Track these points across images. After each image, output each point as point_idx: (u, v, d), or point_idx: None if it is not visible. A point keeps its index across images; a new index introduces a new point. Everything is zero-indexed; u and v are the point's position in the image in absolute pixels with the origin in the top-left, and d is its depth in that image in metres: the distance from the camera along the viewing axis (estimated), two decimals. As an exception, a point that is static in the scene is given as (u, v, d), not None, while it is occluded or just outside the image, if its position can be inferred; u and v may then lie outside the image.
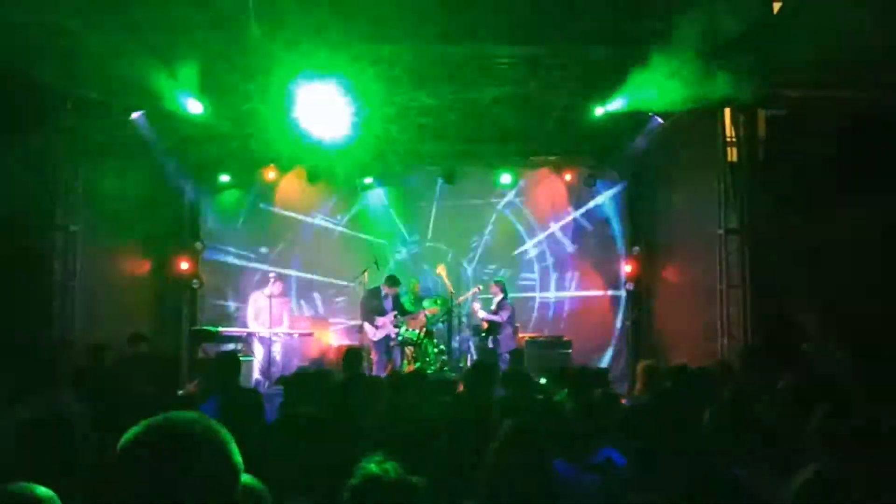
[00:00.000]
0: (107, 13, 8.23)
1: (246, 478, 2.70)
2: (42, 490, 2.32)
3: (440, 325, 12.83)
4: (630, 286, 14.22)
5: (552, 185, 14.44)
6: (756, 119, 10.30)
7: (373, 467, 2.51)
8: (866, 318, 8.70)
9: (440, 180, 14.07)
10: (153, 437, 1.59)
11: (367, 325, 12.17)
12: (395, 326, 12.26)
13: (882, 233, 9.01)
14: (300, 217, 14.25)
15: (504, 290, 12.70)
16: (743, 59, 9.26)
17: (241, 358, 6.83)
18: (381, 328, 12.09)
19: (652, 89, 9.66)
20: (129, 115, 10.55)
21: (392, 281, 12.37)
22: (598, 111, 10.90)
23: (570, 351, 12.61)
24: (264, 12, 8.58)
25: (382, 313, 12.14)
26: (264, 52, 9.21)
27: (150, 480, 1.52)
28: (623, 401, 6.16)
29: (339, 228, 14.28)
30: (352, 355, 7.95)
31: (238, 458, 1.63)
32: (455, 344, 12.79)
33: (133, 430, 1.60)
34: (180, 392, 7.22)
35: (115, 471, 1.58)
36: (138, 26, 8.57)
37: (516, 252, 14.47)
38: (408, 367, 12.18)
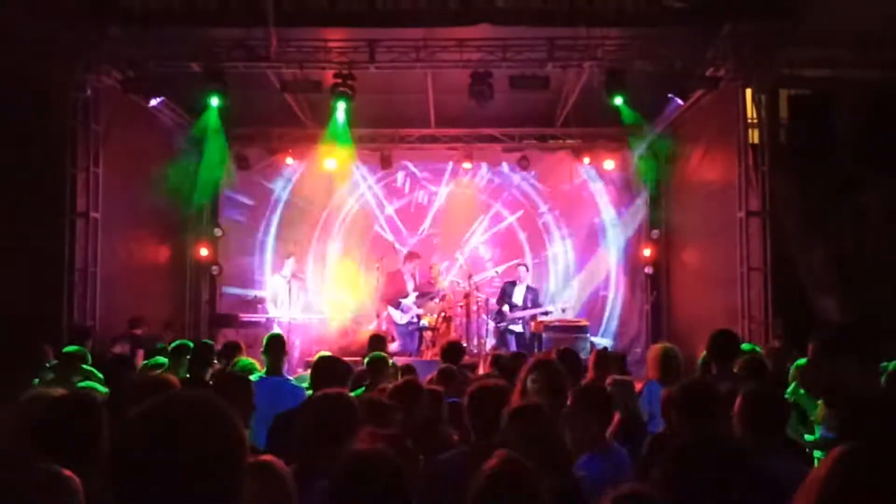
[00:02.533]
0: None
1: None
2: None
3: (458, 308, 12.81)
4: (649, 270, 14.14)
5: (571, 168, 14.35)
6: (778, 100, 10.17)
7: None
8: (890, 299, 8.61)
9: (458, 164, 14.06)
10: (157, 411, 1.59)
11: (391, 309, 12.15)
12: (418, 308, 12.27)
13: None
14: (317, 202, 14.28)
15: (529, 273, 12.67)
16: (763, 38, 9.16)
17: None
18: (407, 311, 12.09)
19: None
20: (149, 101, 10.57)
21: (411, 255, 12.36)
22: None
23: (588, 335, 12.55)
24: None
25: (406, 295, 12.12)
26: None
27: (155, 454, 1.52)
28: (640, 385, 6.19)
29: (355, 212, 14.34)
30: (376, 340, 7.98)
31: (243, 434, 1.63)
32: (473, 328, 12.77)
33: (139, 407, 1.60)
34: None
35: (121, 445, 1.58)
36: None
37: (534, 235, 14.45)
38: (426, 352, 12.18)
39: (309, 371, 5.59)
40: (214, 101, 10.54)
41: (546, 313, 12.13)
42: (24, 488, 2.30)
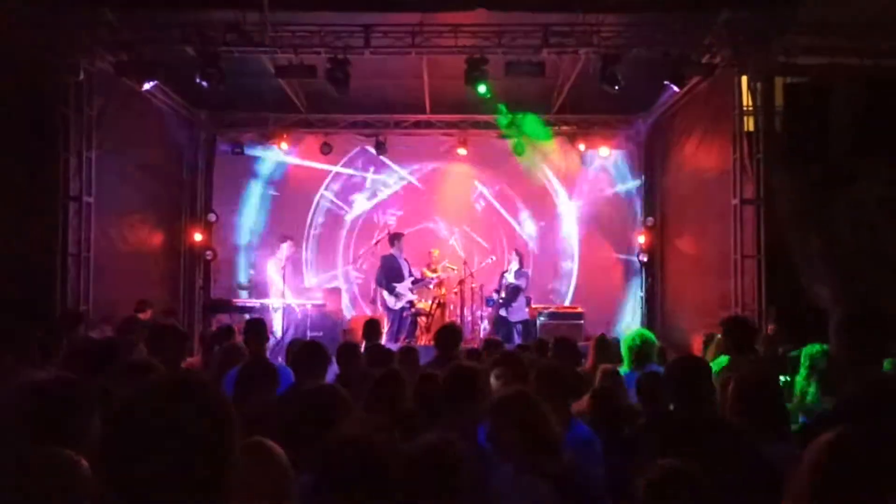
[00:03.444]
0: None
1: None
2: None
3: (452, 294, 12.81)
4: (644, 257, 14.15)
5: (566, 154, 14.33)
6: (773, 87, 10.15)
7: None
8: (881, 288, 8.62)
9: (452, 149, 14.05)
10: (148, 394, 1.57)
11: (385, 294, 12.07)
12: (412, 293, 12.24)
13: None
14: (312, 187, 14.28)
15: (521, 259, 12.69)
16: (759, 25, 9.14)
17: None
18: (401, 296, 12.03)
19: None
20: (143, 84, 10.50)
21: (397, 236, 12.30)
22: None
23: (583, 322, 12.59)
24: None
25: (401, 279, 12.06)
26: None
27: (145, 436, 1.51)
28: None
29: (351, 198, 14.33)
30: (371, 326, 7.96)
31: (235, 416, 1.62)
32: (467, 314, 12.79)
33: (130, 390, 1.59)
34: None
35: (111, 428, 1.57)
36: None
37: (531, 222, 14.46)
38: (420, 338, 12.19)
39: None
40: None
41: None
42: (32, 471, 2.28)
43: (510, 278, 12.40)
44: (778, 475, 3.07)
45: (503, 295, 12.47)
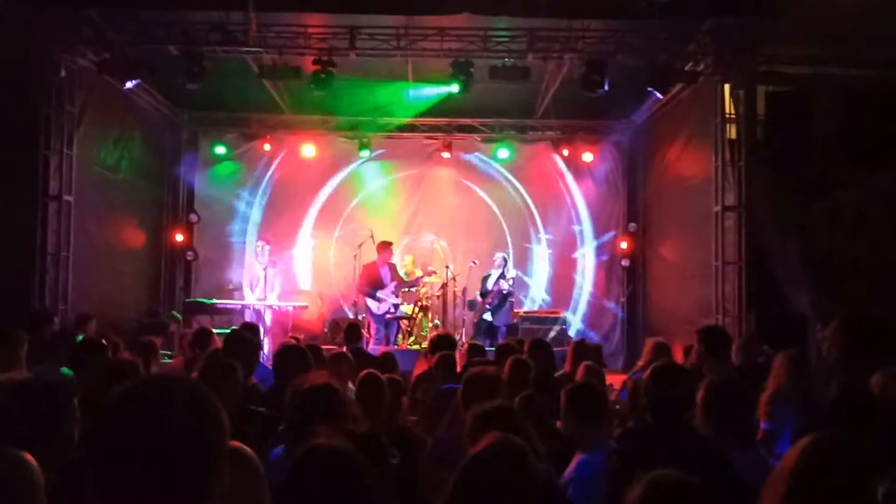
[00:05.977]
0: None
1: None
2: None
3: (435, 298, 12.79)
4: (626, 262, 14.19)
5: (550, 159, 14.35)
6: (755, 96, 10.22)
7: None
8: (862, 295, 8.70)
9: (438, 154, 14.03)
10: (137, 395, 1.55)
11: (368, 300, 12.00)
12: (396, 297, 12.19)
13: (881, 209, 9.00)
14: (294, 189, 14.21)
15: (505, 264, 12.69)
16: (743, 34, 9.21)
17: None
18: (384, 301, 11.97)
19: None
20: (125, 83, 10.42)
21: (385, 245, 12.24)
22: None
23: (564, 325, 12.63)
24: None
25: (382, 286, 12.01)
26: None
27: (132, 438, 1.49)
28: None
29: (333, 200, 14.28)
30: (352, 330, 7.95)
31: (224, 419, 1.60)
32: (450, 318, 12.77)
33: (116, 390, 1.57)
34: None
35: (97, 429, 1.55)
36: None
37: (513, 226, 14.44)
38: (402, 342, 12.16)
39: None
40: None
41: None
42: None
43: (504, 285, 12.33)
44: (748, 483, 3.07)
45: (490, 300, 12.42)
